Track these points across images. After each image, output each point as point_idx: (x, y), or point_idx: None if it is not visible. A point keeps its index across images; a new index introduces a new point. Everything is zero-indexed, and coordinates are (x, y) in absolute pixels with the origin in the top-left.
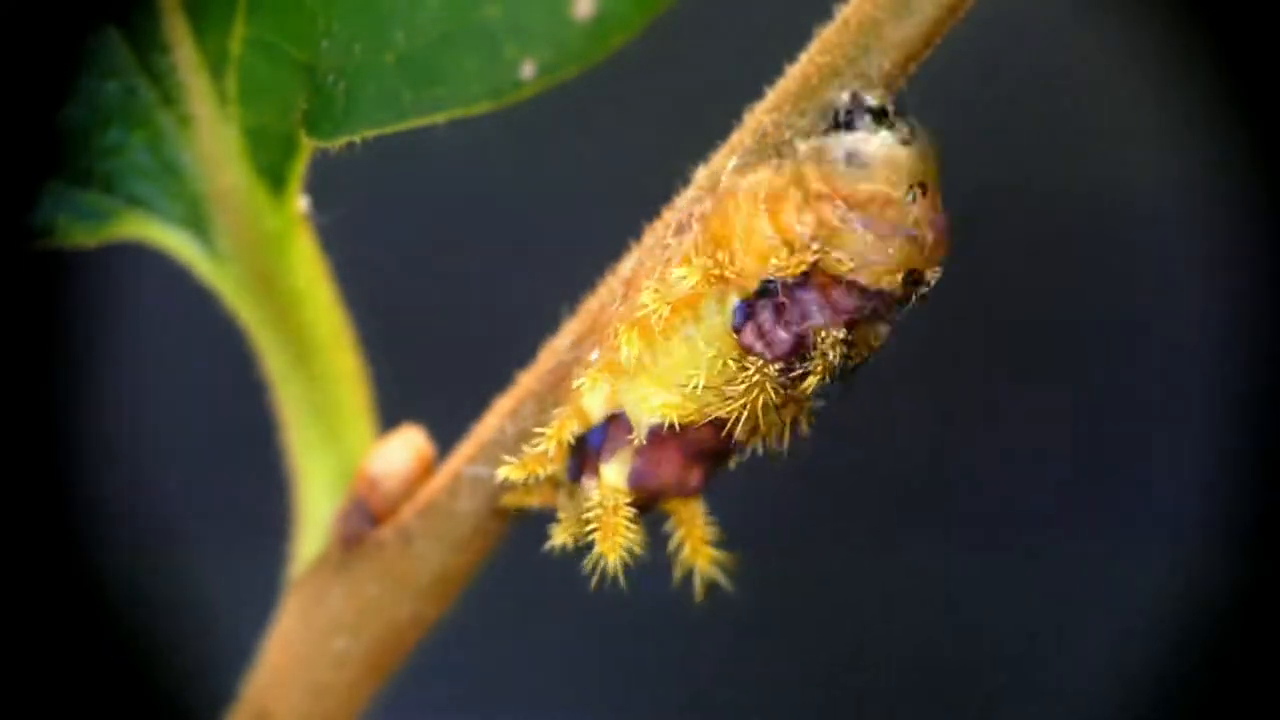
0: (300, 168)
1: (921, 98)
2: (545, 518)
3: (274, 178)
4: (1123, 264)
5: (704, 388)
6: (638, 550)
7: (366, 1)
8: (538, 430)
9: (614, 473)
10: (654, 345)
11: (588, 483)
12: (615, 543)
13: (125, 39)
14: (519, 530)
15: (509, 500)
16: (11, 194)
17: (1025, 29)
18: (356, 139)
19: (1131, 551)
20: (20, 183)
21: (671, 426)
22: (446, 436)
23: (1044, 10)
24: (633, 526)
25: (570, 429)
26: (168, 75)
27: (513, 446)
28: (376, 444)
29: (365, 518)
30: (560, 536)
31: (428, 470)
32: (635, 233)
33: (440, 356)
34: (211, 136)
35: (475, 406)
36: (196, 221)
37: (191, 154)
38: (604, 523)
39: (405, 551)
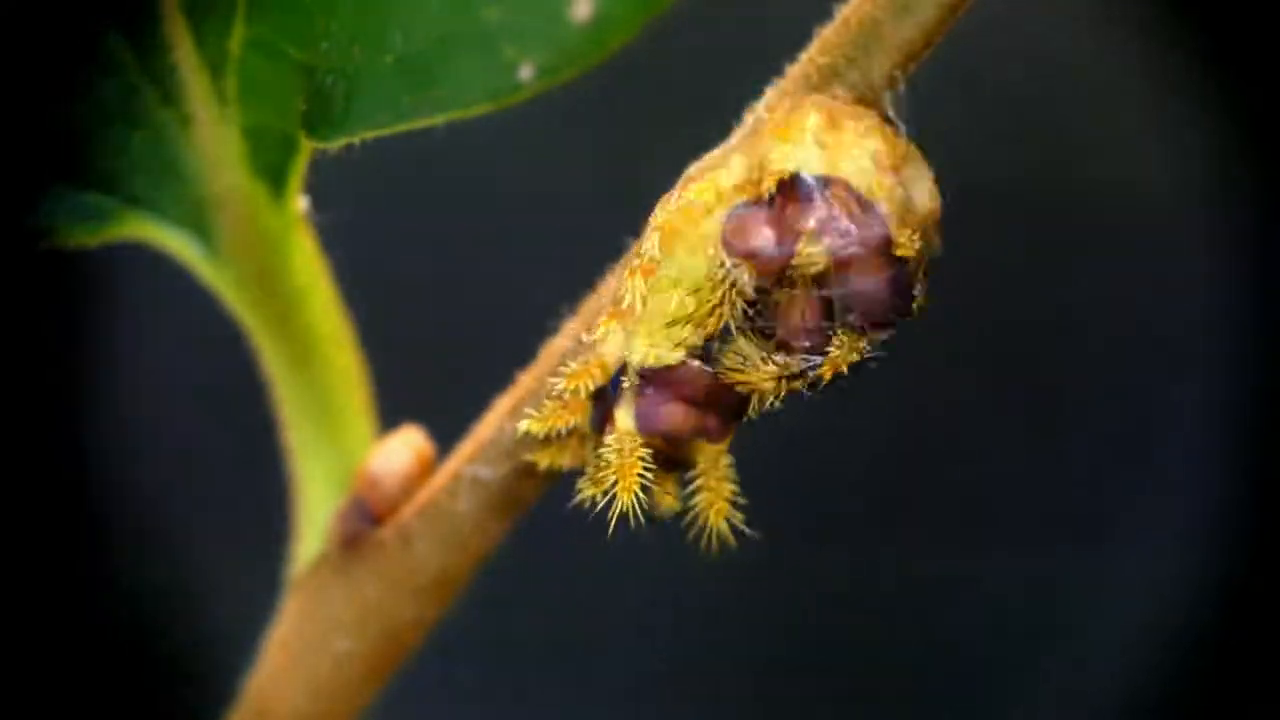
0: (300, 168)
1: (920, 98)
2: (544, 519)
3: (274, 178)
4: (1120, 264)
5: (682, 323)
6: (657, 495)
7: (366, 3)
8: (557, 380)
9: (624, 417)
10: (649, 287)
11: (608, 433)
12: (630, 484)
13: (125, 39)
14: (518, 531)
15: (540, 459)
16: (11, 194)
17: (1025, 29)
18: (356, 140)
19: (1131, 552)
20: (20, 183)
21: (665, 368)
22: (446, 436)
23: (1043, 10)
24: (649, 469)
25: (588, 378)
26: (168, 75)
27: (513, 446)
28: (376, 444)
29: (365, 518)
30: (587, 490)
31: (428, 470)
32: (635, 232)
33: (440, 356)
34: (211, 137)
35: (475, 406)
36: (196, 221)
37: (191, 154)
38: (619, 468)
39: (405, 552)
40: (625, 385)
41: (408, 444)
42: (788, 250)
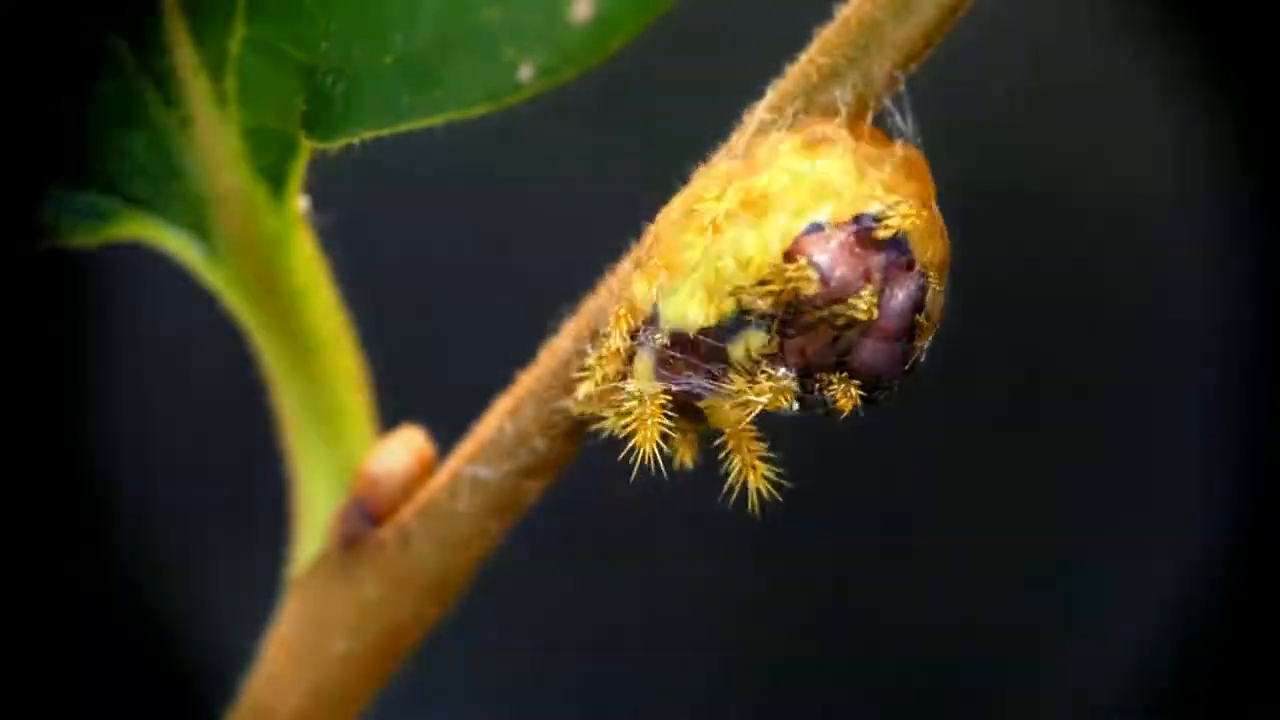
0: (300, 168)
1: (920, 98)
2: (543, 519)
3: (274, 178)
4: (1121, 264)
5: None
6: (677, 445)
7: (365, 3)
8: (603, 333)
9: (643, 365)
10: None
11: (628, 379)
12: (650, 435)
13: (126, 40)
14: (518, 531)
15: (589, 408)
16: (14, 195)
17: (1025, 29)
18: (355, 140)
19: (1131, 552)
20: (22, 184)
21: (686, 333)
22: (446, 436)
23: (1043, 10)
24: (670, 419)
25: (623, 323)
26: (168, 76)
27: (512, 446)
28: (376, 444)
29: (365, 518)
30: (612, 422)
31: (427, 470)
32: (635, 232)
33: (440, 356)
34: (211, 137)
35: (475, 406)
36: (196, 222)
37: (192, 155)
38: (639, 416)
39: (405, 552)
40: (650, 339)
41: (407, 444)
42: (853, 288)
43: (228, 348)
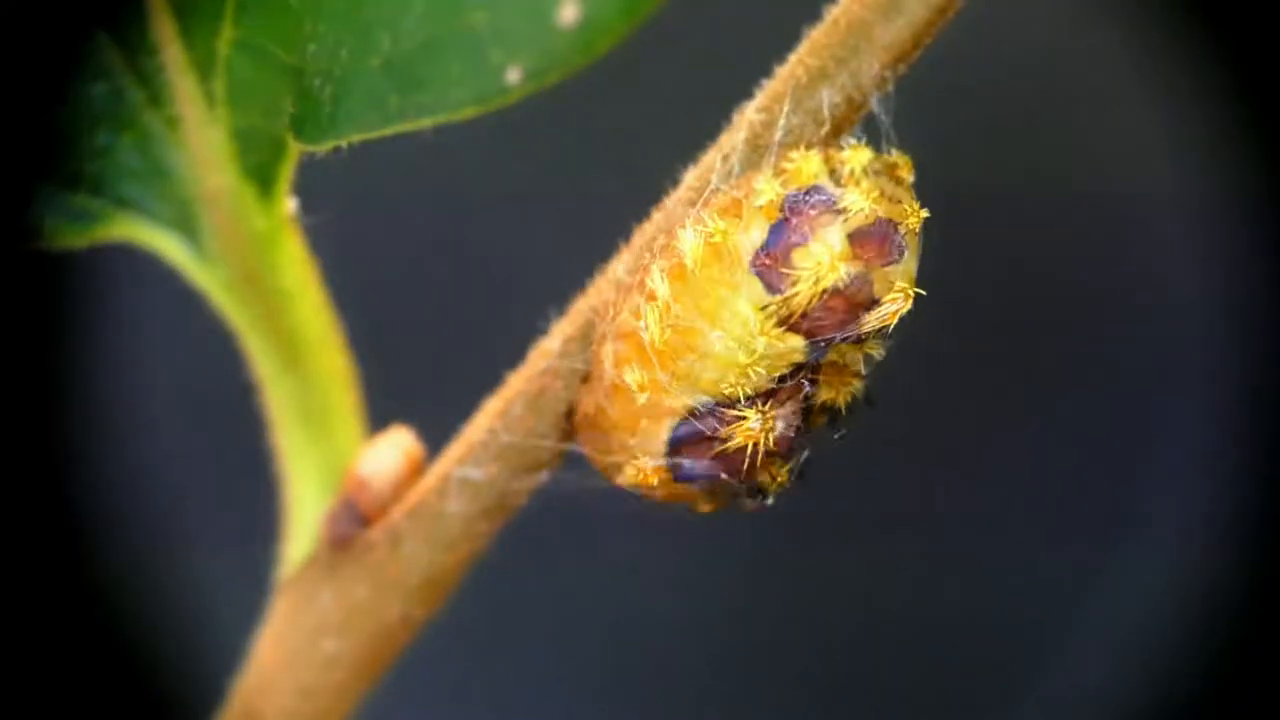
0: (288, 170)
1: (912, 100)
2: (539, 522)
3: (262, 179)
4: (1120, 265)
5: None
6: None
7: (353, 5)
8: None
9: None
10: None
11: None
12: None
13: (113, 41)
14: (510, 531)
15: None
16: (3, 196)
17: (1018, 29)
18: (344, 143)
19: (1131, 552)
20: (9, 185)
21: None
22: (436, 437)
23: (1038, 10)
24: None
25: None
26: (156, 77)
27: (502, 448)
28: (366, 445)
29: (354, 519)
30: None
31: (417, 471)
32: (625, 234)
33: (429, 357)
34: (199, 138)
35: (465, 408)
36: (185, 223)
37: (180, 156)
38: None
39: (394, 553)
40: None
41: (397, 445)
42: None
43: (216, 348)
